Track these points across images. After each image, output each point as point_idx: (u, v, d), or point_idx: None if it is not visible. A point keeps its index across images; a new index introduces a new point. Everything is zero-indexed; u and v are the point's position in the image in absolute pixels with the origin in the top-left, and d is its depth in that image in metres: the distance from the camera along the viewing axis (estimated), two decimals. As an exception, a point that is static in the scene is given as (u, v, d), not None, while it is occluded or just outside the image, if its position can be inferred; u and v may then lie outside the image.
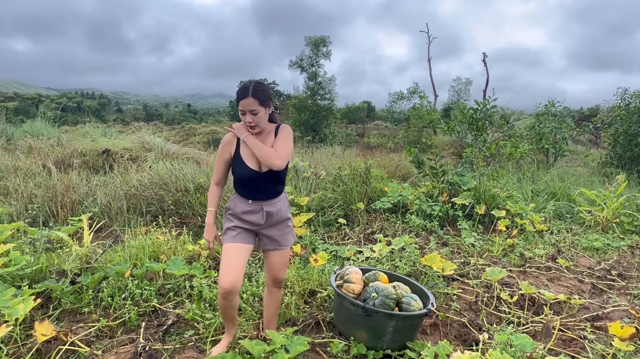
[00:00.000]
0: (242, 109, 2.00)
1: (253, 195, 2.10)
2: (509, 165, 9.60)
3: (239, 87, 2.01)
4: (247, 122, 2.01)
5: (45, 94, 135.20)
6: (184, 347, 2.26)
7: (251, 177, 2.06)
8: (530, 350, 1.84)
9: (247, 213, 2.10)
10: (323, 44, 27.88)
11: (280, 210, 2.16)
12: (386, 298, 2.30)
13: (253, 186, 2.08)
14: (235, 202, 2.13)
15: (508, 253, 4.47)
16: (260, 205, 2.10)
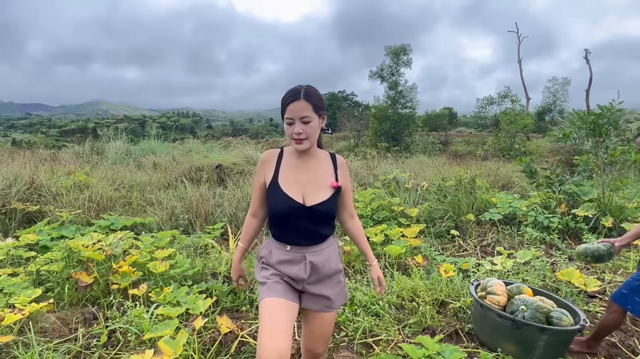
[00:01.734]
0: (290, 117, 1.51)
1: (293, 238, 1.60)
2: (631, 173, 8.66)
3: (287, 91, 1.56)
4: (294, 135, 1.52)
5: (149, 115, 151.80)
6: (337, 347, 2.47)
7: (292, 211, 1.55)
8: None
9: (284, 264, 1.60)
10: (403, 53, 27.73)
11: (329, 260, 1.64)
12: (536, 311, 2.30)
13: (293, 225, 1.57)
14: (270, 249, 1.65)
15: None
16: (302, 252, 1.60)
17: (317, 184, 1.61)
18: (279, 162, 1.64)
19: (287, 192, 1.56)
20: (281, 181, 1.59)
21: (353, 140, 35.07)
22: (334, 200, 1.62)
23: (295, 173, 1.61)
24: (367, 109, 38.10)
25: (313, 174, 1.62)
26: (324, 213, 1.58)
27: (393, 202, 5.27)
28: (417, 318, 2.81)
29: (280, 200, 1.56)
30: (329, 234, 1.67)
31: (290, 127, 1.52)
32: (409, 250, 4.15)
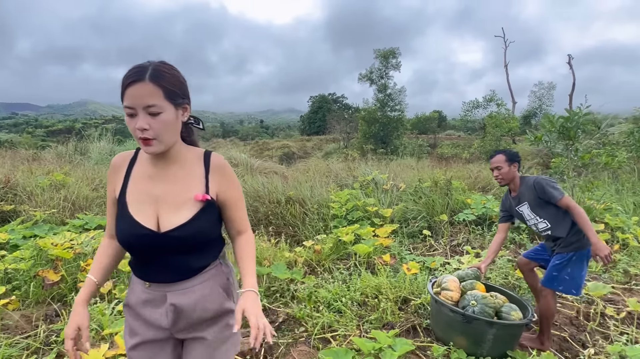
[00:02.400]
0: (129, 105, 1.05)
1: (149, 273, 1.20)
2: (604, 176, 8.87)
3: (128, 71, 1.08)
4: (137, 129, 1.06)
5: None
6: (296, 341, 2.53)
7: (141, 241, 1.15)
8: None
9: (145, 305, 1.21)
10: (392, 56, 27.97)
11: (203, 299, 1.21)
12: (485, 306, 2.38)
13: (148, 258, 1.19)
14: (132, 286, 1.26)
15: (610, 269, 4.21)
16: (162, 291, 1.19)
17: (177, 200, 1.16)
18: (129, 169, 1.20)
19: (135, 215, 1.14)
20: (129, 198, 1.16)
21: (342, 142, 35.22)
22: (203, 219, 1.17)
23: (148, 186, 1.17)
24: (356, 112, 38.29)
25: (172, 186, 1.17)
26: (184, 240, 1.14)
27: (368, 203, 5.36)
28: (378, 314, 2.89)
29: (126, 226, 1.15)
30: (204, 265, 1.21)
31: (132, 120, 1.07)
32: (380, 249, 4.23)
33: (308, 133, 52.38)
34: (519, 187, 2.70)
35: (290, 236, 4.72)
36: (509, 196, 2.82)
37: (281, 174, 7.53)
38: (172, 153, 1.17)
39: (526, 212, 2.67)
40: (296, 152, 33.70)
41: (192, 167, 1.20)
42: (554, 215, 2.55)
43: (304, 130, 58.28)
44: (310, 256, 3.97)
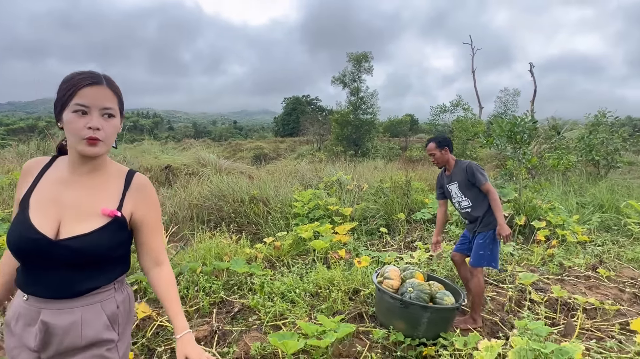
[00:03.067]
0: (84, 104, 1.05)
1: (30, 284, 1.10)
2: (555, 177, 9.47)
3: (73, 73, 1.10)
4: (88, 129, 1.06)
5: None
6: (249, 329, 2.71)
7: (29, 247, 1.07)
8: (545, 334, 2.09)
9: (18, 321, 1.11)
10: (365, 60, 28.47)
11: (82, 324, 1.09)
12: (421, 292, 2.63)
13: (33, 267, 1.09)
14: (14, 298, 1.16)
15: (547, 262, 4.59)
16: (37, 307, 1.09)
17: (84, 210, 1.11)
18: (41, 173, 1.15)
19: (32, 218, 1.07)
20: (32, 201, 1.10)
21: (316, 144, 35.46)
22: (106, 235, 1.10)
23: (56, 191, 1.12)
24: (330, 114, 38.66)
25: (83, 195, 1.12)
26: (83, 252, 1.06)
27: (329, 202, 5.58)
28: (329, 303, 3.10)
29: (18, 229, 1.08)
30: (92, 287, 1.10)
31: (81, 118, 1.05)
32: (338, 245, 4.45)
33: (282, 135, 52.37)
34: (452, 168, 3.08)
35: (253, 234, 4.88)
36: (443, 175, 3.20)
37: (247, 174, 7.66)
38: (98, 161, 1.14)
39: (454, 190, 3.06)
40: (269, 154, 33.68)
41: (111, 180, 1.16)
42: (476, 196, 2.96)
43: (277, 132, 58.24)
44: (270, 252, 4.15)
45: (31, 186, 1.13)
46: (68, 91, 1.06)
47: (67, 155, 1.14)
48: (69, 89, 1.06)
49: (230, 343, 2.54)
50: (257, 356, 2.35)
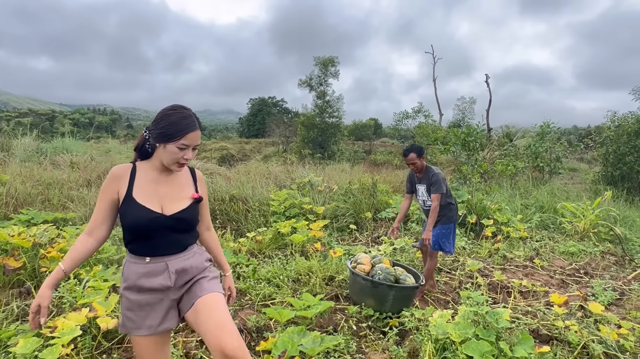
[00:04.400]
0: (187, 144, 1.52)
1: (152, 249, 1.56)
2: (505, 182, 10.44)
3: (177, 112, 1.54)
4: (183, 160, 1.55)
5: (59, 110, 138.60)
6: (242, 307, 3.14)
7: (151, 223, 1.53)
8: (482, 301, 2.68)
9: (145, 277, 1.54)
10: (332, 64, 29.15)
11: (194, 264, 1.64)
12: (388, 275, 3.18)
13: (154, 237, 1.55)
14: (129, 267, 1.58)
15: (493, 254, 5.30)
16: (163, 261, 1.57)
17: (177, 196, 1.62)
18: (132, 176, 1.57)
19: (143, 203, 1.53)
20: (136, 195, 1.53)
21: (282, 146, 35.76)
22: (195, 209, 1.65)
23: (153, 187, 1.58)
24: (296, 116, 39.11)
25: (172, 188, 1.62)
26: (185, 220, 1.60)
27: (304, 201, 6.06)
28: (309, 287, 3.58)
29: (138, 212, 1.51)
30: (192, 243, 1.67)
31: (181, 151, 1.52)
32: (313, 239, 4.94)
33: (247, 136, 52.16)
34: (424, 172, 3.66)
35: (234, 230, 5.27)
36: (414, 175, 3.77)
37: (224, 175, 7.99)
38: None
39: (422, 190, 3.67)
40: (235, 154, 33.60)
41: (182, 175, 1.68)
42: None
43: (242, 133, 57.88)
44: (252, 245, 4.57)
45: (129, 187, 1.55)
46: (178, 132, 1.50)
47: (149, 161, 1.62)
48: (179, 132, 1.50)
49: (228, 318, 2.96)
50: (254, 327, 2.79)
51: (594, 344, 2.73)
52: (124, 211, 1.53)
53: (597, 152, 13.50)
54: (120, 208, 1.55)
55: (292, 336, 2.25)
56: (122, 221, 1.55)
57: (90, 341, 2.50)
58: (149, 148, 1.61)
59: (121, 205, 1.54)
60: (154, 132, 1.53)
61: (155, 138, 1.54)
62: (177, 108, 1.56)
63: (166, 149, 1.52)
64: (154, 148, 1.59)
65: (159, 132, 1.51)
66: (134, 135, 58.78)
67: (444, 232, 3.61)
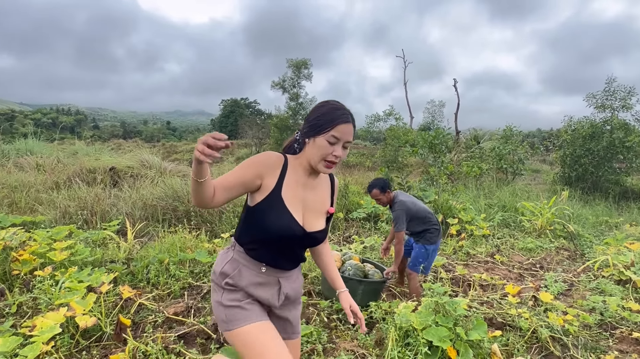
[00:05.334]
0: (337, 136, 1.35)
1: (274, 259, 1.43)
2: (471, 183, 10.92)
3: (330, 104, 1.40)
4: (332, 156, 1.36)
5: (19, 110, 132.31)
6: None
7: (292, 236, 1.39)
8: (442, 292, 2.90)
9: (256, 286, 1.42)
10: (305, 66, 29.38)
11: (298, 283, 1.58)
12: (357, 270, 3.37)
13: (283, 249, 1.42)
14: (237, 267, 1.43)
15: (457, 251, 5.61)
16: (276, 276, 1.45)
17: (317, 208, 1.48)
18: (284, 171, 1.40)
19: (293, 213, 1.38)
20: (285, 197, 1.37)
21: (255, 147, 35.62)
22: (328, 226, 1.54)
23: (300, 192, 1.43)
24: (269, 118, 39.08)
25: (315, 196, 1.48)
26: (317, 239, 1.47)
27: (277, 202, 6.21)
28: (282, 285, 3.73)
29: (284, 220, 1.35)
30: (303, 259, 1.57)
31: (331, 146, 1.35)
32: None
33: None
34: (393, 202, 3.53)
35: (209, 231, 5.35)
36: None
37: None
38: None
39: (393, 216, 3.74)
40: (207, 156, 33.17)
41: (323, 182, 1.55)
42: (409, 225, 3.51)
43: (215, 134, 57.15)
44: (227, 246, 4.67)
45: (278, 182, 1.38)
46: (328, 123, 1.35)
47: (295, 158, 1.46)
48: (329, 122, 1.35)
49: (205, 315, 3.07)
50: (230, 323, 2.92)
51: (542, 329, 3.02)
52: (265, 210, 1.36)
53: (556, 154, 14.28)
54: (261, 202, 1.36)
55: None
56: (255, 219, 1.38)
57: (68, 339, 2.56)
58: (297, 148, 1.49)
59: (264, 200, 1.36)
60: (305, 125, 1.42)
61: (304, 134, 1.42)
62: (329, 101, 1.43)
63: (315, 143, 1.37)
64: (302, 146, 1.45)
65: (309, 125, 1.39)
66: (101, 136, 57.02)
67: (422, 252, 3.46)
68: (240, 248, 1.45)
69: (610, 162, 12.01)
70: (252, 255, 1.42)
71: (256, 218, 1.38)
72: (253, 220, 1.39)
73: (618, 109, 12.30)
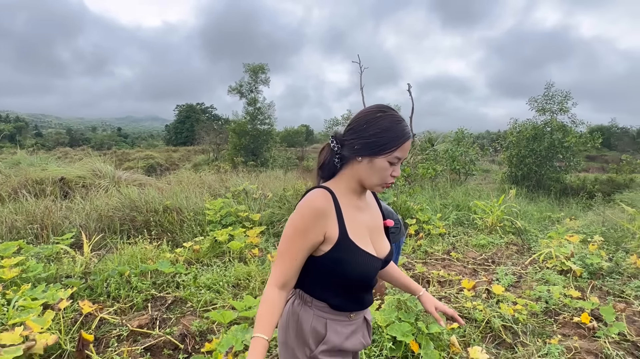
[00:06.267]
0: (400, 156, 1.17)
1: (358, 302, 1.26)
2: (427, 184, 11.38)
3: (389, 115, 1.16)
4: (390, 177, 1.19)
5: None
6: (184, 315, 3.22)
7: (375, 271, 1.23)
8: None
9: (349, 338, 1.26)
10: (262, 71, 29.30)
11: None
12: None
13: (367, 287, 1.27)
14: (327, 326, 1.22)
15: (416, 250, 5.86)
16: (362, 315, 1.32)
17: (378, 228, 1.30)
18: (337, 208, 1.18)
19: (366, 249, 1.19)
20: (354, 237, 1.18)
21: (212, 153, 34.98)
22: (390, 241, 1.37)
23: (359, 217, 1.24)
24: (227, 123, 38.53)
25: (371, 216, 1.30)
26: (388, 262, 1.31)
27: (239, 209, 6.18)
28: (249, 291, 3.75)
29: (365, 263, 1.17)
30: None
31: (391, 167, 1.16)
32: (250, 246, 5.09)
33: (174, 144, 50.20)
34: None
35: (170, 241, 5.24)
36: None
37: (155, 186, 7.80)
38: None
39: None
40: (163, 164, 32.21)
41: (369, 197, 1.37)
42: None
43: (169, 140, 55.58)
44: (190, 255, 4.61)
45: (341, 226, 1.17)
46: (393, 142, 1.13)
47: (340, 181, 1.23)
48: (394, 141, 1.13)
49: (171, 326, 3.04)
50: (197, 332, 2.91)
51: (495, 319, 3.25)
52: (340, 258, 1.16)
53: (503, 155, 15.18)
54: (330, 252, 1.16)
55: (236, 334, 2.42)
56: (329, 269, 1.17)
57: (26, 359, 2.45)
58: (337, 163, 1.22)
59: (333, 249, 1.16)
60: (358, 141, 1.15)
61: (356, 151, 1.16)
62: (385, 109, 1.18)
63: (373, 164, 1.15)
64: (345, 162, 1.21)
65: (365, 142, 1.14)
66: (45, 144, 53.42)
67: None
68: (320, 303, 1.22)
69: (552, 161, 12.95)
70: (339, 308, 1.22)
71: (330, 268, 1.17)
72: (325, 270, 1.18)
73: (556, 112, 13.29)
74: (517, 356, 2.88)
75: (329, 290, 1.20)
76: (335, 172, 1.24)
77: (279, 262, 1.15)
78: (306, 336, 1.21)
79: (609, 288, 4.39)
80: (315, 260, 1.18)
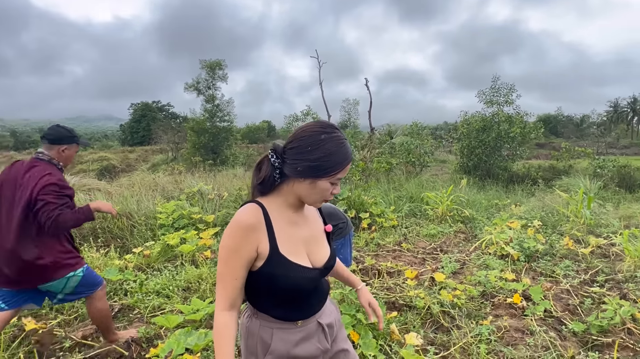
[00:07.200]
0: (341, 177, 1.22)
1: (303, 311, 1.30)
2: (382, 177, 11.70)
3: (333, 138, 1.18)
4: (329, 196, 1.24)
5: None
6: (131, 322, 3.21)
7: (310, 283, 1.27)
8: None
9: (299, 345, 1.27)
10: (219, 67, 28.70)
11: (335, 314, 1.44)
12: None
13: (307, 297, 1.30)
14: (276, 335, 1.26)
15: (369, 243, 6.06)
16: (314, 321, 1.33)
17: (317, 237, 1.35)
18: (268, 223, 1.21)
19: (298, 261, 1.23)
20: (284, 250, 1.21)
21: (171, 153, 34.04)
22: (331, 244, 1.43)
23: (295, 234, 1.28)
24: (185, 121, 37.54)
25: (309, 227, 1.34)
26: (332, 267, 1.36)
27: (192, 211, 6.13)
28: (200, 293, 3.77)
29: (295, 274, 1.21)
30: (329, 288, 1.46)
31: (332, 187, 1.21)
32: (204, 248, 5.08)
33: (130, 144, 48.38)
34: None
35: (119, 247, 5.14)
36: None
37: (105, 191, 7.56)
38: None
39: None
40: (118, 165, 31.02)
41: (309, 209, 1.39)
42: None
43: (125, 141, 53.45)
44: (140, 260, 4.55)
45: (271, 240, 1.21)
46: (337, 166, 1.18)
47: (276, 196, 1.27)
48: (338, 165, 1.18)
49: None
50: (143, 338, 2.91)
51: (435, 305, 3.47)
52: (272, 273, 1.20)
53: (455, 146, 15.82)
54: (262, 267, 1.20)
55: (179, 337, 2.46)
56: (265, 284, 1.22)
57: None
58: (277, 179, 1.24)
59: (265, 264, 1.20)
60: (301, 163, 1.17)
61: (300, 172, 1.18)
62: (328, 130, 1.20)
63: (316, 185, 1.20)
64: (284, 179, 1.24)
65: (309, 164, 1.16)
66: (-14, 150, 49.79)
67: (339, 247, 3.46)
68: (264, 314, 1.27)
69: (499, 150, 13.66)
70: (283, 318, 1.27)
71: (265, 283, 1.22)
72: (262, 285, 1.23)
73: (502, 104, 14.00)
74: (452, 338, 3.09)
75: (269, 302, 1.25)
76: (274, 186, 1.26)
77: (221, 285, 1.18)
78: (255, 347, 1.26)
79: (542, 269, 4.75)
80: (252, 275, 1.22)
